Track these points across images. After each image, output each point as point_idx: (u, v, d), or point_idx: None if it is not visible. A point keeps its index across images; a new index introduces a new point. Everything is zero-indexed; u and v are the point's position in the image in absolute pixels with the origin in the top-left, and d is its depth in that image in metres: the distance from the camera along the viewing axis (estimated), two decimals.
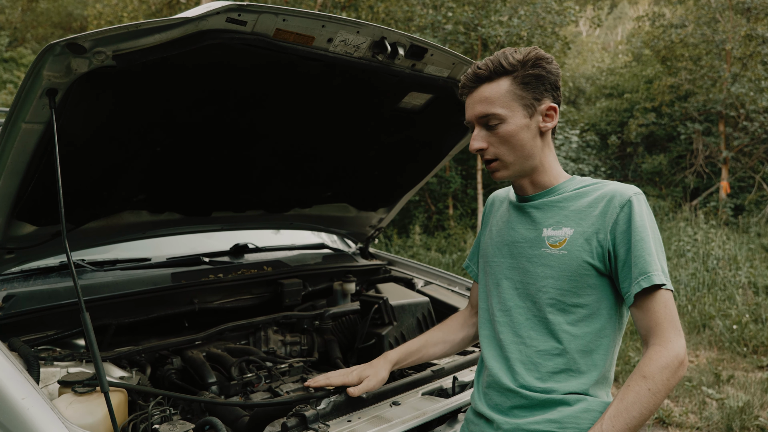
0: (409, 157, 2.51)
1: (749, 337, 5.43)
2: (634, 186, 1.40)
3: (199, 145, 1.97)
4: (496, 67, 1.38)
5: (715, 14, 13.03)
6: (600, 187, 1.42)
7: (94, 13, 14.80)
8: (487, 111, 1.39)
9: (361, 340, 2.30)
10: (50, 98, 1.38)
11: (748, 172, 13.28)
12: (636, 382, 1.26)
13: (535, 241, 1.44)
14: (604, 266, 1.36)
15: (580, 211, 1.40)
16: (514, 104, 1.38)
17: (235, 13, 1.37)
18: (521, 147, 1.40)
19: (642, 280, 1.30)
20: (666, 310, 1.30)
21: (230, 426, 1.63)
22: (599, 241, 1.35)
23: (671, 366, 1.26)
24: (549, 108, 1.42)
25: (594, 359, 1.37)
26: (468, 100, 1.44)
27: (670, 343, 1.28)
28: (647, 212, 1.37)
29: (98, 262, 2.36)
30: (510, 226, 1.52)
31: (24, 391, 1.30)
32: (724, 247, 8.40)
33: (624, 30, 26.56)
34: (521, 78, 1.38)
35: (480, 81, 1.40)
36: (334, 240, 3.31)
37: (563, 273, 1.37)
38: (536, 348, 1.39)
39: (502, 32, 10.40)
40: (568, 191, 1.45)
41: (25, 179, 1.59)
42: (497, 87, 1.38)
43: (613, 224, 1.35)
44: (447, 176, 11.92)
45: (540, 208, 1.46)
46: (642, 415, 1.24)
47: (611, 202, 1.36)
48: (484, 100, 1.39)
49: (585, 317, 1.37)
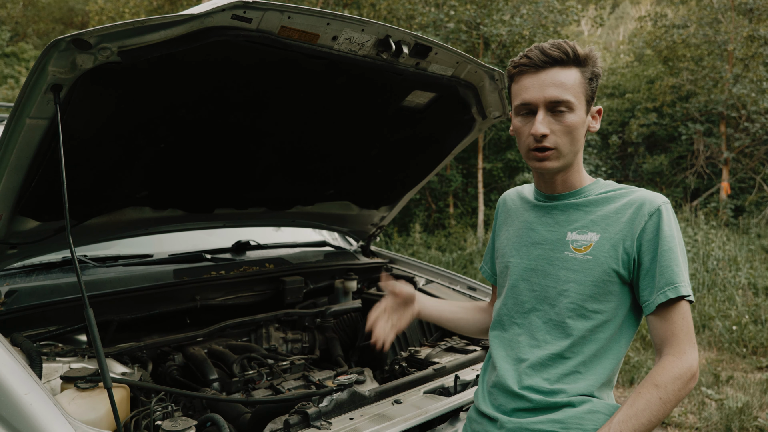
0: (411, 156, 2.51)
1: (749, 338, 5.43)
2: (663, 195, 1.38)
3: (203, 142, 1.97)
4: (572, 53, 1.32)
5: (718, 15, 13.01)
6: (628, 193, 1.39)
7: (96, 9, 14.77)
8: (562, 96, 1.31)
9: (362, 338, 2.30)
10: (55, 94, 1.38)
11: (748, 173, 13.28)
12: (647, 390, 1.26)
13: (558, 243, 1.41)
14: (628, 274, 1.35)
15: (607, 217, 1.37)
16: (581, 97, 1.34)
17: (240, 10, 1.37)
18: (577, 141, 1.37)
19: (669, 291, 1.29)
20: (684, 322, 1.30)
21: (232, 423, 1.63)
22: (625, 249, 1.34)
23: (684, 377, 1.26)
24: (598, 111, 1.41)
25: (604, 363, 1.37)
26: (531, 80, 1.33)
27: (684, 355, 1.28)
28: (675, 222, 1.35)
29: (100, 258, 2.37)
30: (529, 227, 1.48)
31: (27, 386, 1.30)
32: (724, 248, 8.40)
33: (626, 30, 26.53)
34: (589, 73, 1.35)
35: (553, 63, 1.32)
36: (336, 238, 3.31)
37: (587, 278, 1.35)
38: (550, 351, 1.37)
39: (504, 31, 10.39)
40: (594, 195, 1.42)
41: (29, 175, 1.59)
42: (571, 74, 1.33)
43: (640, 232, 1.33)
44: (448, 175, 11.91)
45: (563, 210, 1.43)
46: (650, 422, 1.24)
47: (640, 210, 1.34)
48: (560, 84, 1.31)
49: (602, 323, 1.36)
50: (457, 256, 9.24)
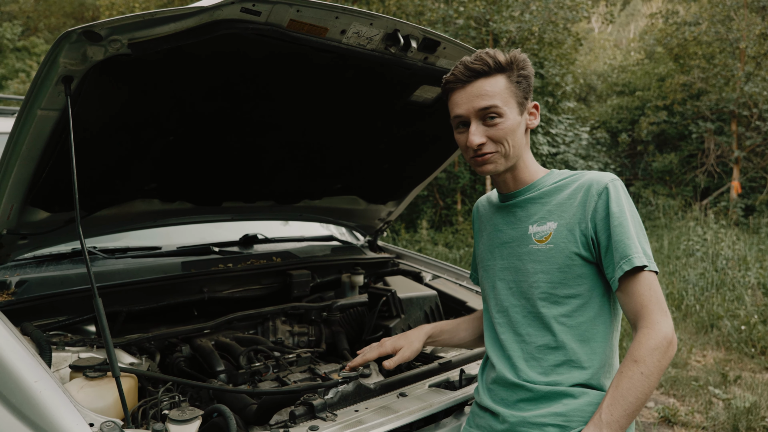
0: (419, 151, 2.51)
1: (757, 338, 5.39)
2: (611, 173, 1.43)
3: (212, 135, 1.98)
4: (493, 63, 1.40)
5: (730, 12, 12.89)
6: (578, 177, 1.45)
7: (106, 3, 14.83)
8: (489, 104, 1.39)
9: (368, 332, 2.31)
10: (66, 85, 1.39)
11: (759, 173, 13.17)
12: (628, 368, 1.27)
13: (522, 239, 1.47)
14: (590, 254, 1.38)
15: (561, 204, 1.43)
16: (511, 101, 1.41)
17: (249, 3, 1.38)
18: (517, 141, 1.43)
19: (624, 264, 1.32)
20: (651, 292, 1.31)
21: (238, 414, 1.64)
22: (582, 231, 1.38)
23: (661, 347, 1.27)
24: (534, 106, 1.48)
25: (592, 347, 1.39)
26: (460, 95, 1.43)
27: (657, 325, 1.29)
28: (625, 197, 1.39)
29: (109, 250, 2.38)
30: (497, 228, 1.56)
31: (36, 374, 1.31)
32: (734, 248, 8.33)
33: (637, 27, 26.33)
34: (515, 77, 1.42)
35: (476, 75, 1.40)
36: (343, 232, 3.31)
37: (552, 266, 1.40)
38: (535, 344, 1.42)
39: (513, 27, 10.34)
40: (548, 185, 1.48)
41: (40, 166, 1.61)
42: (495, 82, 1.40)
43: (592, 212, 1.37)
44: (456, 171, 11.89)
45: (522, 206, 1.49)
46: (638, 399, 1.25)
47: (589, 191, 1.39)
48: (485, 94, 1.39)
49: (578, 307, 1.39)
50: (464, 253, 9.24)
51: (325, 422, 1.49)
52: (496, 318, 1.51)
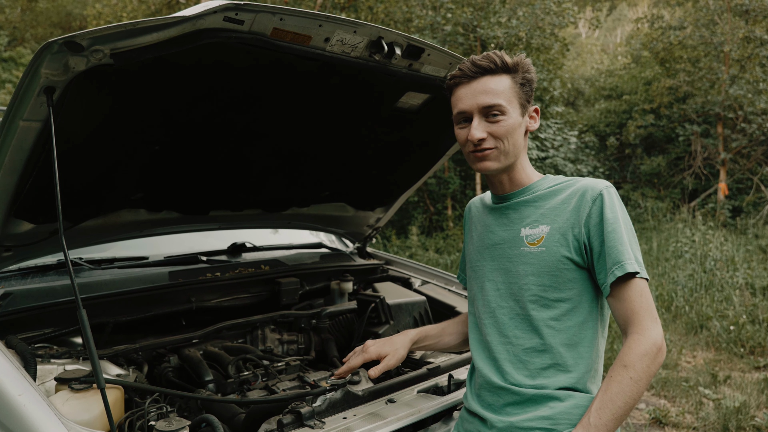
0: (406, 157, 2.52)
1: (746, 338, 5.44)
2: (604, 180, 1.45)
3: (197, 144, 1.98)
4: (500, 62, 1.42)
5: (714, 16, 13.06)
6: (572, 183, 1.47)
7: (94, 13, 14.79)
8: (493, 101, 1.41)
9: (358, 339, 2.30)
10: (48, 96, 1.38)
11: (746, 174, 13.31)
12: (618, 372, 1.28)
13: (514, 241, 1.48)
14: (582, 259, 1.39)
15: (555, 208, 1.44)
16: (514, 101, 1.44)
17: (232, 12, 1.38)
18: (516, 141, 1.45)
19: (616, 269, 1.33)
20: (641, 299, 1.33)
21: (227, 423, 1.63)
22: (575, 235, 1.39)
23: (650, 353, 1.28)
24: (534, 110, 1.50)
25: (579, 352, 1.40)
26: (464, 90, 1.45)
27: (647, 331, 1.30)
28: (619, 204, 1.40)
29: (96, 261, 2.37)
30: (489, 229, 1.56)
31: (21, 387, 1.30)
32: (722, 249, 8.41)
33: (623, 32, 26.58)
34: (520, 79, 1.44)
35: (482, 72, 1.43)
36: (332, 239, 3.31)
37: (543, 269, 1.41)
38: (522, 346, 1.42)
39: (500, 33, 10.41)
40: (542, 189, 1.49)
41: (23, 177, 1.60)
42: (500, 81, 1.43)
43: (586, 218, 1.39)
44: (446, 177, 11.93)
45: (516, 209, 1.51)
46: (627, 404, 1.26)
47: (584, 197, 1.40)
48: (490, 91, 1.42)
49: (567, 311, 1.40)
50: (455, 258, 9.25)
51: (313, 430, 1.49)
52: (483, 319, 1.51)
